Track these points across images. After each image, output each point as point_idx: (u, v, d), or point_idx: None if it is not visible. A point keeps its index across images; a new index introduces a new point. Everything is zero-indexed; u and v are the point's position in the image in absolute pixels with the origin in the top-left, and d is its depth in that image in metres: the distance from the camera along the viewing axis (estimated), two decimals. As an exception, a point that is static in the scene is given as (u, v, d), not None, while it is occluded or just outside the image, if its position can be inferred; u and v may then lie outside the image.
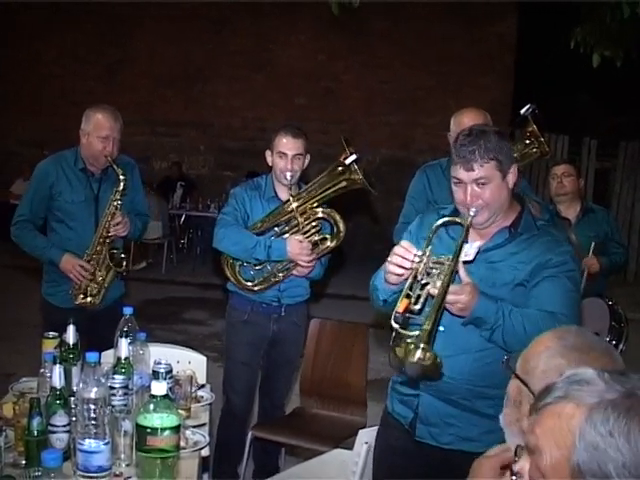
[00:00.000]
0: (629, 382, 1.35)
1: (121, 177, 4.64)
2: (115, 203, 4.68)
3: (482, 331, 2.80)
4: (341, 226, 4.57)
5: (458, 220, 2.79)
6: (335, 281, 8.86)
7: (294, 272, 4.62)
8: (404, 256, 2.71)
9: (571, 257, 2.99)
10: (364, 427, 4.08)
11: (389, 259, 2.74)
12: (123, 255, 4.84)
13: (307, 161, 4.65)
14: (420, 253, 2.69)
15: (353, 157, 4.39)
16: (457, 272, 2.69)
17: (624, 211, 14.29)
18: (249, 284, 4.62)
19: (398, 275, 2.75)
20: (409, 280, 2.69)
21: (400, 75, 13.78)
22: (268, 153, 4.67)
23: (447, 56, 13.54)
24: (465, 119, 4.13)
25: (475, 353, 2.93)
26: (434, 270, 2.64)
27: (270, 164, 4.68)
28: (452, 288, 2.64)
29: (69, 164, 4.75)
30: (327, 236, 4.62)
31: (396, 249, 2.73)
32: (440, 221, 2.84)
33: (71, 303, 4.68)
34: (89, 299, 4.71)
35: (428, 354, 2.47)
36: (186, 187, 13.54)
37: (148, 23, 14.35)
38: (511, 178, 2.91)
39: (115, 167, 4.65)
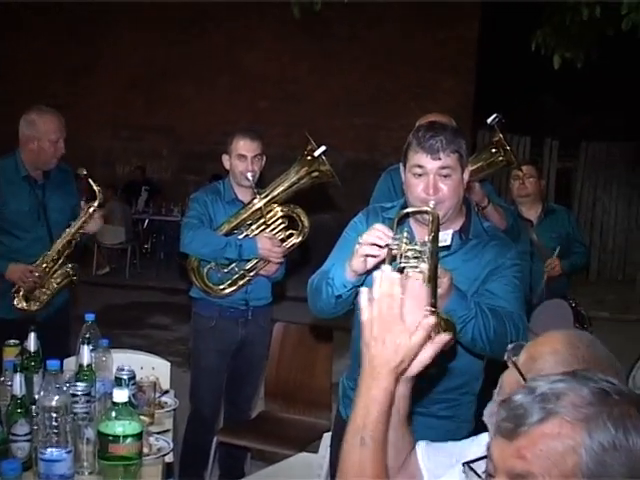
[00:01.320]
0: (595, 382, 1.34)
1: (97, 189, 4.59)
2: (91, 210, 4.60)
3: None
4: (305, 222, 4.64)
5: (425, 209, 2.63)
6: (294, 283, 8.86)
7: (261, 272, 4.63)
8: (380, 236, 2.56)
9: (519, 258, 3.07)
10: (329, 430, 4.08)
11: (361, 240, 2.60)
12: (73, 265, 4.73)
13: (263, 162, 4.69)
14: (397, 236, 2.48)
15: (322, 148, 4.41)
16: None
17: (585, 210, 14.48)
18: (219, 287, 4.61)
19: (373, 256, 2.59)
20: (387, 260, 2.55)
21: (363, 78, 13.81)
22: (225, 157, 4.70)
23: (410, 59, 13.59)
24: None
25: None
26: (409, 253, 2.47)
27: (228, 167, 4.71)
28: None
29: (11, 172, 4.62)
30: (293, 232, 4.64)
31: (370, 230, 2.59)
32: (406, 210, 2.71)
33: (15, 314, 4.55)
34: (33, 306, 4.60)
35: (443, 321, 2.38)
36: (150, 191, 13.48)
37: (112, 26, 14.24)
38: (466, 177, 2.92)
39: (92, 183, 4.59)
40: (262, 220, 4.59)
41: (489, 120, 4.36)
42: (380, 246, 2.55)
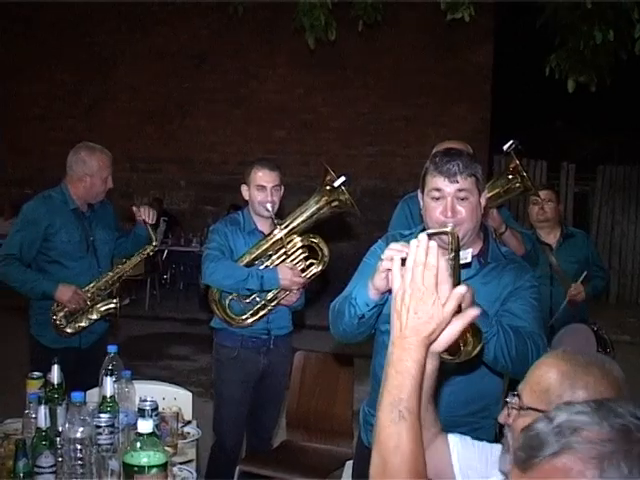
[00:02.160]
0: (618, 418, 1.30)
1: (155, 242, 5.02)
2: (146, 251, 4.99)
3: None
4: (325, 250, 4.66)
5: (444, 229, 2.64)
6: (314, 312, 8.86)
7: (282, 302, 4.65)
8: (401, 250, 2.43)
9: (536, 281, 3.10)
10: (351, 458, 4.07)
11: (383, 256, 2.54)
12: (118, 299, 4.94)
13: (282, 192, 4.71)
14: None
15: (342, 179, 4.44)
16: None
17: (603, 234, 14.40)
18: (241, 318, 4.62)
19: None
20: None
21: (378, 106, 13.85)
22: (244, 187, 4.71)
23: (424, 86, 13.62)
24: None
25: (453, 385, 2.96)
26: None
27: (247, 198, 4.72)
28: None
29: (60, 205, 4.79)
30: (313, 261, 4.66)
31: (391, 245, 2.50)
32: (427, 232, 2.69)
33: (61, 343, 4.69)
34: (69, 328, 4.73)
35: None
36: (168, 222, 13.54)
37: (127, 60, 14.38)
38: (483, 201, 2.95)
39: (149, 229, 4.97)
40: (283, 250, 4.61)
41: (505, 147, 4.37)
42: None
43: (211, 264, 4.52)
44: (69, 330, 4.74)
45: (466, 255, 2.73)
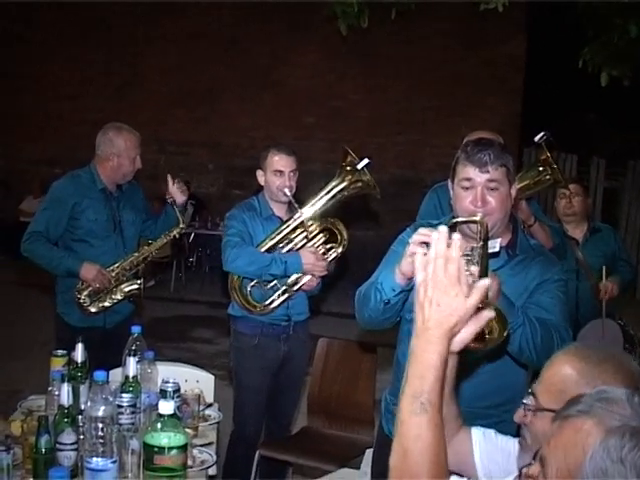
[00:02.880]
0: None
1: (182, 225, 5.02)
2: (173, 234, 5.02)
3: None
4: (344, 233, 4.64)
5: (474, 218, 2.66)
6: (334, 299, 8.84)
7: (304, 287, 4.64)
8: (429, 234, 2.53)
9: (563, 274, 3.09)
10: (371, 446, 4.07)
11: (411, 240, 2.55)
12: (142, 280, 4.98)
13: (296, 177, 4.69)
14: None
15: (366, 160, 4.44)
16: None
17: (633, 230, 14.26)
18: (264, 304, 4.60)
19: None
20: None
21: (408, 95, 13.78)
22: (260, 173, 4.71)
23: (455, 76, 13.53)
24: None
25: (475, 377, 2.96)
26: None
27: (262, 183, 4.73)
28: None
29: (88, 184, 4.82)
30: (333, 245, 4.64)
31: (420, 230, 2.51)
32: (456, 220, 2.72)
33: (86, 322, 4.72)
34: (93, 308, 4.76)
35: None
36: (196, 205, 13.57)
37: (157, 43, 14.38)
38: (513, 192, 2.95)
39: (178, 213, 5.02)
40: (304, 234, 4.59)
41: (537, 138, 4.34)
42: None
43: (233, 250, 4.49)
44: (93, 309, 4.77)
45: (494, 244, 2.71)
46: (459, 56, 13.48)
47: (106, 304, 4.80)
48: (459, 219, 2.73)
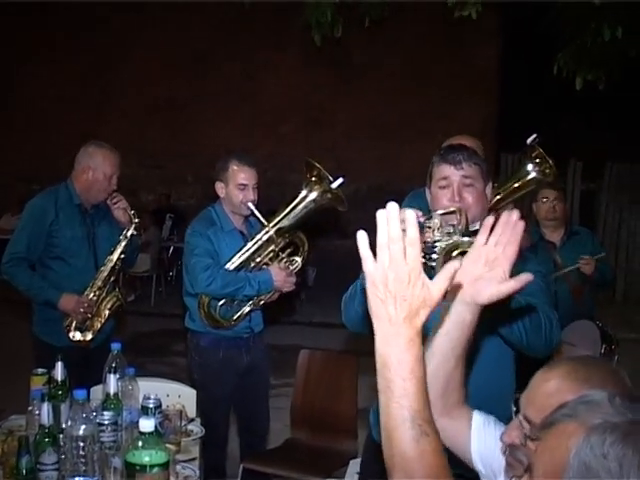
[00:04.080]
0: (637, 410, 1.34)
1: (135, 221, 4.82)
2: (128, 234, 4.82)
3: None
4: (306, 245, 4.66)
5: (451, 209, 2.72)
6: (318, 309, 8.84)
7: (268, 300, 4.67)
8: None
9: (541, 268, 3.16)
10: (355, 457, 4.07)
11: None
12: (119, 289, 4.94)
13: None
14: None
15: (340, 180, 4.41)
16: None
17: (610, 232, 14.35)
18: (232, 320, 4.60)
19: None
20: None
21: (385, 102, 13.82)
22: (220, 185, 4.60)
23: (430, 83, 13.59)
24: None
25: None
26: (443, 230, 2.44)
27: (222, 196, 4.62)
28: None
29: (65, 200, 4.78)
30: (296, 258, 4.64)
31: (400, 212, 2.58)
32: (435, 212, 2.67)
33: (66, 341, 4.67)
34: (87, 335, 4.72)
35: None
36: (175, 219, 13.53)
37: (134, 55, 14.36)
38: (488, 191, 3.05)
39: (129, 212, 4.83)
40: (271, 248, 4.57)
41: (529, 140, 4.37)
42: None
43: (206, 273, 4.41)
44: (88, 337, 4.74)
45: (475, 226, 2.74)
46: (434, 62, 13.54)
47: (97, 325, 4.76)
48: (439, 211, 2.74)
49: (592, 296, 5.78)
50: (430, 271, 2.53)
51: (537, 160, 4.35)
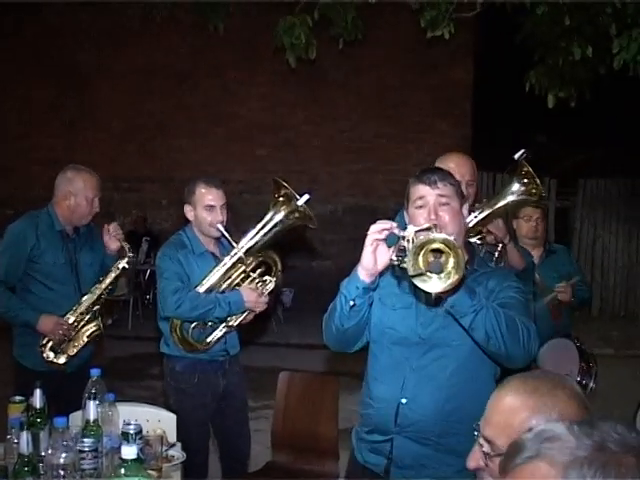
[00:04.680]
0: (598, 433, 1.33)
1: (130, 255, 4.89)
2: (120, 266, 4.85)
3: (464, 317, 2.78)
4: (279, 265, 4.66)
5: (427, 225, 2.79)
6: (300, 330, 8.82)
7: (243, 322, 4.65)
8: (386, 222, 2.80)
9: (521, 285, 3.19)
10: (337, 478, 4.05)
11: (370, 231, 2.80)
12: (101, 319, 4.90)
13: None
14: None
15: (307, 197, 4.41)
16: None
17: (585, 248, 14.47)
18: (206, 342, 4.57)
19: (382, 240, 2.77)
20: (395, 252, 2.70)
21: (359, 123, 13.88)
22: (188, 208, 4.60)
23: (405, 103, 13.68)
24: (450, 164, 4.02)
25: (446, 389, 2.97)
26: (418, 234, 2.68)
27: (191, 219, 4.62)
28: None
29: (46, 227, 4.76)
30: (269, 278, 4.64)
31: (379, 222, 2.82)
32: (412, 229, 2.77)
33: (44, 366, 4.64)
34: (60, 358, 4.68)
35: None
36: (151, 242, 13.47)
37: (106, 78, 14.32)
38: (465, 211, 3.10)
39: (124, 246, 4.89)
40: (242, 269, 4.56)
41: (517, 156, 4.39)
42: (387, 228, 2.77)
43: (175, 296, 4.38)
44: (61, 361, 4.71)
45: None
46: (408, 83, 13.63)
47: (71, 352, 4.73)
48: (415, 228, 2.77)
49: (569, 314, 5.80)
50: (402, 273, 2.69)
51: (525, 180, 4.36)
